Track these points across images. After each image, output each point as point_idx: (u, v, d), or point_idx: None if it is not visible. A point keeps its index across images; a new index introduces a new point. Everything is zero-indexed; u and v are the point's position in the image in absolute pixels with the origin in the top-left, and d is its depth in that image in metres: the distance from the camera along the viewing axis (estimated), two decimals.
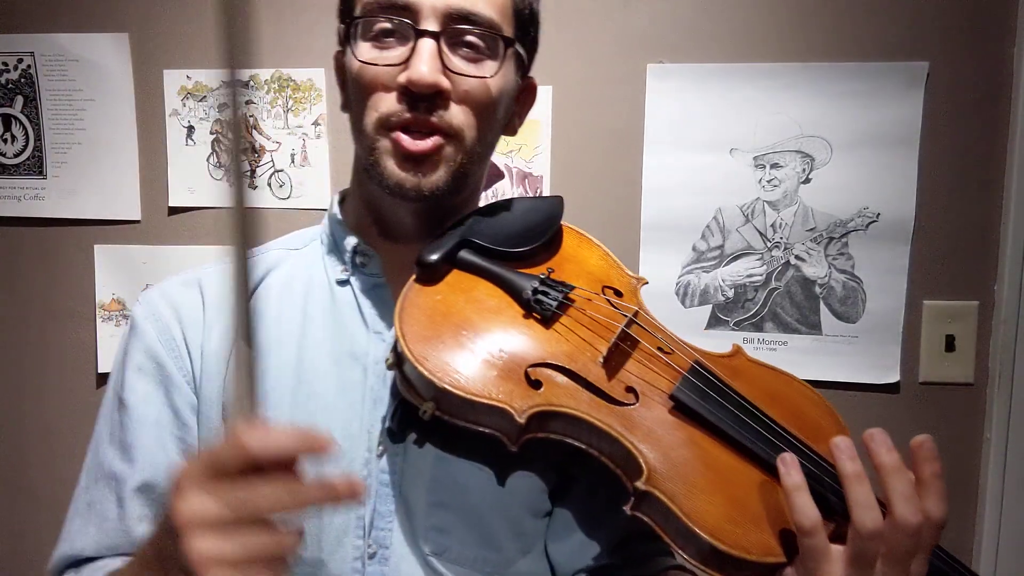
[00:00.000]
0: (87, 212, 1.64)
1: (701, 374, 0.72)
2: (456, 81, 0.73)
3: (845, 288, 1.49)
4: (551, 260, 0.81)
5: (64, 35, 1.60)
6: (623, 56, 1.50)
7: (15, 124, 1.64)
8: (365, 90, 0.74)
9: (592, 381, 0.71)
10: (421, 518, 0.74)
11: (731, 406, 0.69)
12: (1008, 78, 1.42)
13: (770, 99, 1.47)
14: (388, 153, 0.74)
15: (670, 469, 0.66)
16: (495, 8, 0.74)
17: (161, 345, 0.79)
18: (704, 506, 0.63)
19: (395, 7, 0.72)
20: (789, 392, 0.75)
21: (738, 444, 0.68)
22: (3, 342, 1.69)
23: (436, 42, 0.71)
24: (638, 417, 0.69)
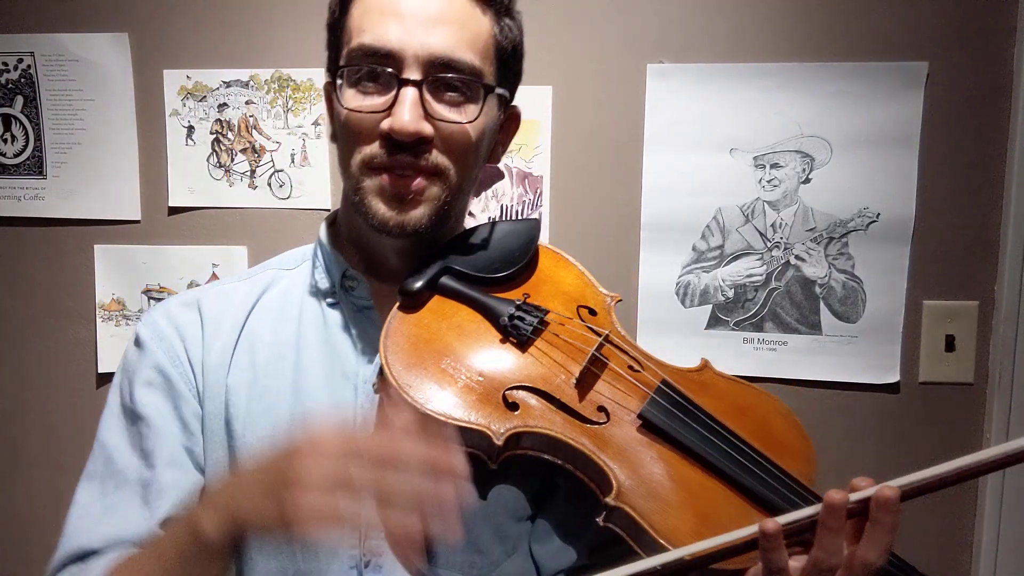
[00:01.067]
0: (87, 212, 1.64)
1: (668, 394, 0.75)
2: (438, 127, 0.76)
3: (845, 288, 1.49)
4: (528, 283, 0.84)
5: (64, 35, 1.60)
6: (623, 56, 1.50)
7: (15, 124, 1.64)
8: (351, 134, 0.77)
9: (566, 402, 0.74)
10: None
11: (697, 425, 0.73)
12: (1008, 78, 1.42)
13: (770, 99, 1.47)
14: (373, 192, 0.77)
15: (639, 485, 0.69)
16: (476, 53, 0.77)
17: (168, 360, 0.82)
18: (673, 522, 0.67)
19: (378, 55, 0.75)
20: (756, 405, 0.78)
21: (704, 460, 0.71)
22: (3, 342, 1.69)
23: (418, 90, 0.74)
24: (609, 435, 0.72)
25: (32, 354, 1.68)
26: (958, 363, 1.48)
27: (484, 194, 1.55)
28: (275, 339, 0.83)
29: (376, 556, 0.77)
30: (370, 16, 0.76)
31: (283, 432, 0.78)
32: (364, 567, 0.76)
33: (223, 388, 0.81)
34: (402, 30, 0.74)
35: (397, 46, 0.74)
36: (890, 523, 0.62)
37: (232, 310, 0.85)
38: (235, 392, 0.81)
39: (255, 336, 0.84)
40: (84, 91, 1.61)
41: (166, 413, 0.81)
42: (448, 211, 0.80)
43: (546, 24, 1.51)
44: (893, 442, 1.50)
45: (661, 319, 1.53)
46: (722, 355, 1.52)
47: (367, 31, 0.75)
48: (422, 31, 0.74)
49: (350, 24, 0.78)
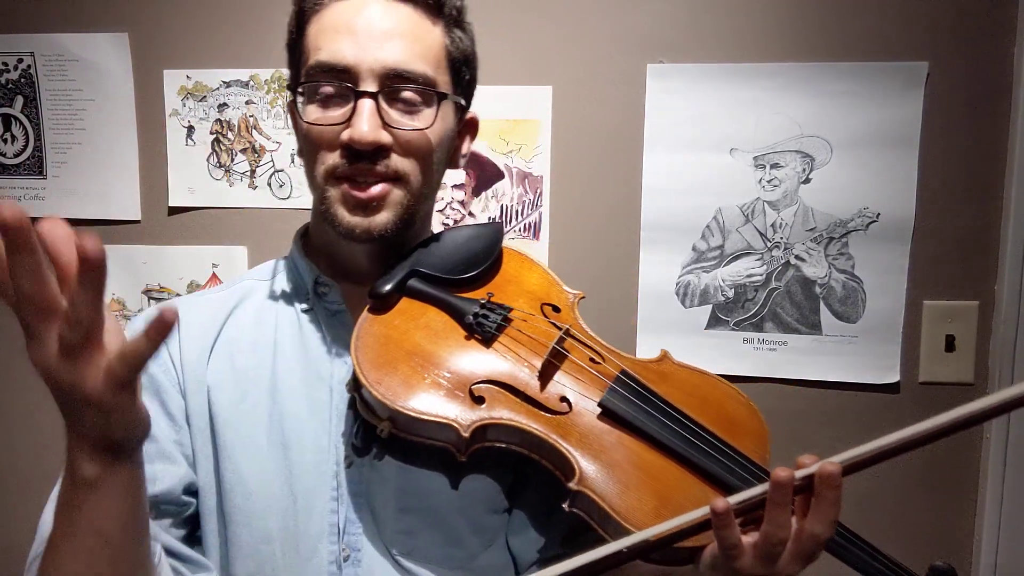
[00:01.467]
0: (87, 212, 1.64)
1: (626, 383, 0.79)
2: (396, 134, 0.80)
3: (845, 288, 1.49)
4: (492, 283, 0.89)
5: (64, 35, 1.60)
6: (623, 56, 1.50)
7: (15, 124, 1.64)
8: (313, 147, 0.81)
9: (529, 394, 0.78)
10: (389, 523, 0.81)
11: (654, 411, 0.77)
12: (1008, 78, 1.43)
13: (770, 99, 1.47)
14: (338, 201, 0.81)
15: (601, 471, 0.73)
16: (429, 63, 0.81)
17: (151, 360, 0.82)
18: (634, 504, 0.71)
19: (335, 71, 0.79)
20: (713, 392, 0.82)
21: (662, 445, 0.75)
22: (3, 342, 1.69)
23: (374, 101, 0.78)
24: (571, 424, 0.76)
25: None
26: (958, 363, 1.48)
27: (484, 194, 1.55)
28: (253, 344, 0.87)
29: (355, 551, 0.80)
30: (325, 34, 0.80)
31: (264, 433, 0.82)
32: (344, 561, 0.79)
33: (204, 387, 0.84)
34: (356, 46, 0.78)
35: (352, 61, 0.78)
36: (833, 497, 0.65)
37: (208, 317, 0.89)
38: (217, 391, 0.84)
39: (233, 342, 0.87)
40: (84, 91, 1.61)
41: (154, 411, 0.81)
42: (412, 215, 0.84)
43: (546, 24, 1.51)
44: None
45: (661, 319, 1.53)
46: (722, 355, 1.52)
47: (323, 48, 0.79)
48: (375, 45, 0.78)
49: (307, 43, 0.82)
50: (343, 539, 0.80)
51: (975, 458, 1.50)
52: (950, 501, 1.51)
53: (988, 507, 1.47)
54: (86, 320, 0.54)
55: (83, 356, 0.56)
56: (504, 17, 1.51)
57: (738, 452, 0.75)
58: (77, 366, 0.56)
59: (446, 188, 1.55)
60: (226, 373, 0.85)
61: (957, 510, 1.51)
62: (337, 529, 0.80)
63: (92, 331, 0.55)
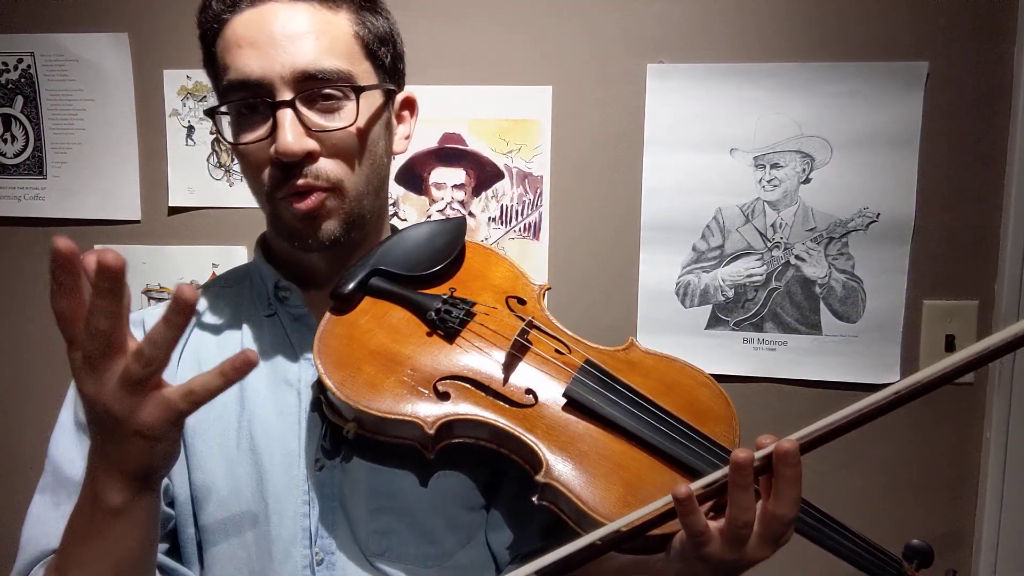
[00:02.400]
0: (87, 212, 1.64)
1: (591, 372, 0.78)
2: (321, 138, 0.77)
3: (845, 288, 1.49)
4: (456, 278, 0.88)
5: (64, 35, 1.60)
6: (623, 56, 1.50)
7: (15, 124, 1.64)
8: (247, 168, 0.81)
9: (494, 388, 0.78)
10: (363, 524, 0.80)
11: (619, 399, 0.76)
12: (1008, 78, 1.42)
13: (770, 99, 1.46)
14: (285, 218, 0.80)
15: (567, 461, 0.73)
16: (340, 56, 0.78)
17: None
18: (601, 493, 0.71)
19: (247, 87, 0.76)
20: (682, 379, 0.82)
21: (629, 433, 0.74)
22: (3, 342, 1.69)
23: (293, 109, 0.76)
24: (537, 416, 0.76)
25: (32, 354, 1.68)
26: None
27: (484, 194, 1.55)
28: (219, 352, 0.86)
29: (328, 555, 0.79)
30: (230, 52, 0.78)
31: (233, 439, 0.81)
32: (317, 564, 0.79)
33: None
34: (262, 56, 0.76)
35: (261, 73, 0.75)
36: (792, 475, 0.64)
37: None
38: None
39: (200, 350, 0.87)
40: (84, 91, 1.61)
41: None
42: (360, 216, 0.83)
43: (546, 24, 1.51)
44: (893, 442, 1.50)
45: (661, 319, 1.53)
46: (722, 355, 1.52)
47: (230, 67, 0.77)
48: (281, 52, 0.76)
49: (217, 63, 0.80)
50: (316, 543, 0.79)
51: (975, 458, 1.50)
52: (950, 501, 1.51)
53: (988, 507, 1.47)
54: (157, 360, 0.56)
55: (144, 390, 0.57)
56: (504, 17, 1.51)
57: (706, 437, 0.74)
58: (136, 398, 0.57)
59: (446, 188, 1.55)
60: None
61: (957, 510, 1.51)
62: (309, 533, 0.79)
63: (159, 369, 0.57)
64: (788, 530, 0.66)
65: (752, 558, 0.66)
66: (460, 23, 1.52)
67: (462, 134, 1.54)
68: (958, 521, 1.51)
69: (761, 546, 0.65)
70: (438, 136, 1.54)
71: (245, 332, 0.88)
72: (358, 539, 0.80)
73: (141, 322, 0.88)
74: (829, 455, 1.53)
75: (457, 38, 1.52)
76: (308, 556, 0.79)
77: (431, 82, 1.52)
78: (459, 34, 1.52)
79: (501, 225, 1.55)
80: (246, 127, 0.79)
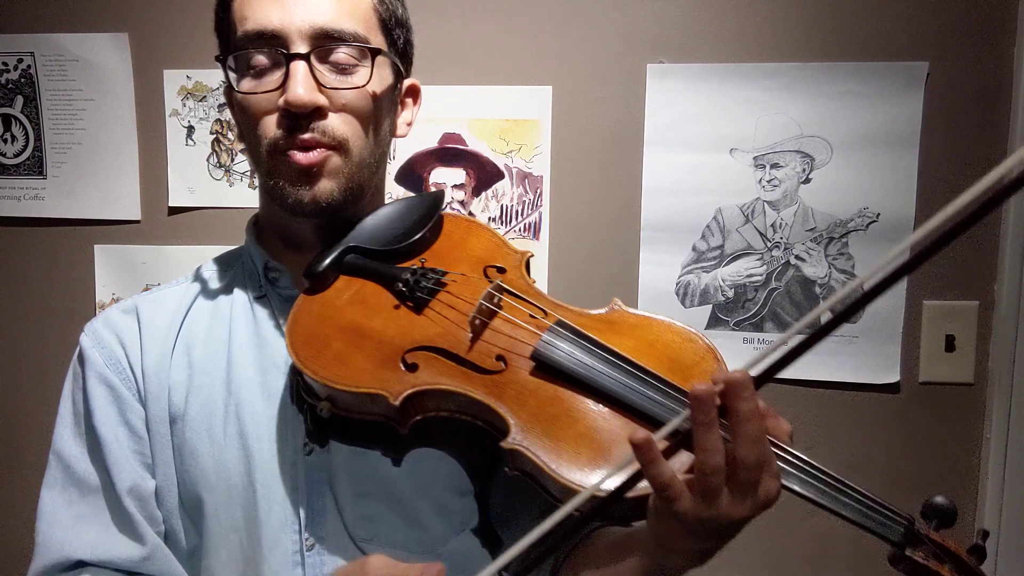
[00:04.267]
0: (87, 212, 1.64)
1: (559, 332, 0.74)
2: (332, 95, 0.78)
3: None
4: (431, 250, 0.86)
5: (64, 35, 1.60)
6: (623, 56, 1.50)
7: (15, 124, 1.64)
8: (252, 119, 0.80)
9: (462, 355, 0.75)
10: (350, 509, 0.79)
11: (589, 357, 0.72)
12: (1008, 78, 1.43)
13: (770, 99, 1.47)
14: (283, 175, 0.79)
15: (536, 426, 0.69)
16: (358, 21, 0.80)
17: (109, 369, 0.84)
18: (569, 456, 0.67)
19: (263, 37, 0.77)
20: (665, 336, 0.78)
21: (599, 392, 0.70)
22: (3, 342, 1.69)
23: (307, 63, 0.76)
24: (506, 382, 0.72)
25: (32, 354, 1.68)
26: (958, 363, 1.48)
27: (484, 194, 1.55)
28: (209, 337, 0.86)
29: (319, 540, 0.79)
30: (251, 4, 0.78)
31: (220, 425, 0.81)
32: (308, 550, 0.78)
33: (165, 390, 0.83)
34: (282, 9, 0.77)
35: (279, 25, 0.76)
36: (747, 410, 0.58)
37: (169, 313, 0.88)
38: (175, 392, 0.83)
39: (191, 336, 0.87)
40: (84, 91, 1.61)
41: (112, 421, 0.83)
42: (359, 187, 0.82)
43: (546, 24, 1.51)
44: (893, 442, 1.50)
45: None
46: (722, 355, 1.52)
47: (249, 18, 0.78)
48: (302, 7, 0.77)
49: (233, 18, 0.80)
50: (305, 528, 0.79)
51: (975, 458, 1.50)
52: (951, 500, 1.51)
53: (988, 507, 1.47)
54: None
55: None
56: (504, 17, 1.51)
57: (680, 390, 0.68)
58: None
59: (446, 188, 1.55)
60: (183, 370, 0.84)
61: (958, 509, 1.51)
62: (299, 519, 0.79)
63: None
64: (759, 478, 0.58)
65: (730, 515, 0.59)
66: (460, 23, 1.52)
67: (462, 134, 1.54)
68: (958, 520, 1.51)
69: (735, 501, 0.58)
70: (438, 136, 1.54)
71: (234, 315, 0.87)
72: (346, 525, 0.79)
73: (134, 308, 0.88)
74: (829, 455, 1.53)
75: (457, 38, 1.52)
76: (298, 542, 0.79)
77: (431, 82, 1.52)
78: (459, 34, 1.52)
79: (501, 225, 1.55)
80: (255, 76, 0.79)
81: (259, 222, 0.93)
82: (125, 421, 0.83)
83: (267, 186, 0.82)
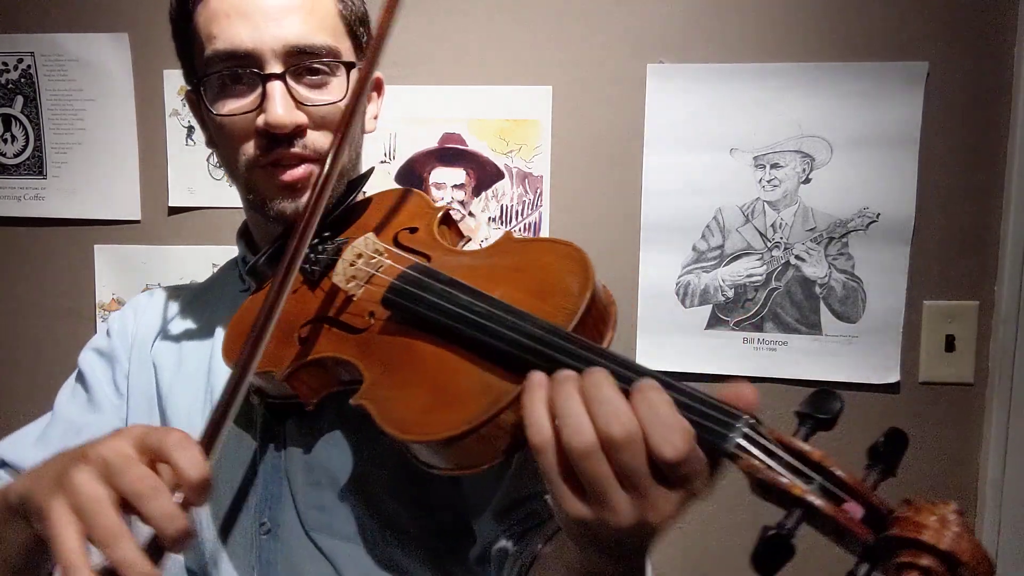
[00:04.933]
0: (87, 212, 1.64)
1: (408, 275, 0.69)
2: (310, 112, 0.78)
3: (845, 288, 1.49)
4: (355, 226, 0.85)
5: (64, 35, 1.60)
6: (623, 56, 1.50)
7: (15, 124, 1.64)
8: (229, 140, 0.80)
9: (340, 319, 0.73)
10: (302, 497, 0.80)
11: (432, 295, 0.66)
12: (1008, 78, 1.42)
13: (770, 99, 1.46)
14: (266, 189, 0.80)
15: (384, 379, 0.66)
16: (328, 33, 0.79)
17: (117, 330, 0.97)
18: (403, 404, 0.62)
19: (236, 58, 0.76)
20: (540, 257, 0.69)
21: (441, 333, 0.64)
22: (3, 342, 1.69)
23: (283, 82, 0.76)
24: (371, 338, 0.70)
25: (32, 354, 1.68)
26: (958, 363, 1.48)
27: (484, 194, 1.55)
28: (200, 327, 0.92)
29: (275, 524, 0.81)
30: (217, 21, 0.77)
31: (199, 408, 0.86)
32: (264, 534, 0.81)
33: (149, 364, 0.91)
34: (252, 28, 0.75)
35: (252, 45, 0.75)
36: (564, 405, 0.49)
37: (167, 304, 0.97)
38: (161, 372, 0.90)
39: (183, 324, 0.93)
40: (84, 91, 1.61)
41: (105, 377, 0.93)
42: (337, 189, 0.83)
43: (546, 24, 1.51)
44: None
45: (661, 319, 1.53)
46: (722, 355, 1.52)
47: (218, 37, 0.76)
48: (272, 25, 0.76)
49: (198, 32, 0.79)
50: (264, 513, 0.81)
51: (975, 458, 1.50)
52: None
53: (988, 507, 1.47)
54: None
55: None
56: (504, 17, 1.51)
57: (523, 316, 0.59)
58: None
59: (446, 188, 1.55)
60: (172, 354, 0.90)
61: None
62: (257, 503, 0.82)
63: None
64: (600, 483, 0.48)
65: (625, 522, 0.49)
66: (460, 23, 1.52)
67: (462, 134, 1.54)
68: None
69: (614, 493, 0.48)
70: (438, 136, 1.54)
71: (221, 308, 0.91)
72: (300, 513, 0.80)
73: (163, 293, 0.97)
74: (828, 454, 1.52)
75: (458, 38, 1.52)
76: (254, 526, 0.81)
77: (431, 82, 1.52)
78: (460, 34, 1.52)
79: (501, 225, 1.55)
80: (229, 97, 0.78)
81: (248, 229, 0.97)
82: (114, 380, 0.92)
83: (248, 199, 0.84)
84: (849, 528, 0.48)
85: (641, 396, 0.49)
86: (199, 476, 0.51)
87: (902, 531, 0.46)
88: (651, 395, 0.49)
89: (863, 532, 0.48)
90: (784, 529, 0.47)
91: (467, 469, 0.59)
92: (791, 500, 0.49)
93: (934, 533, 0.44)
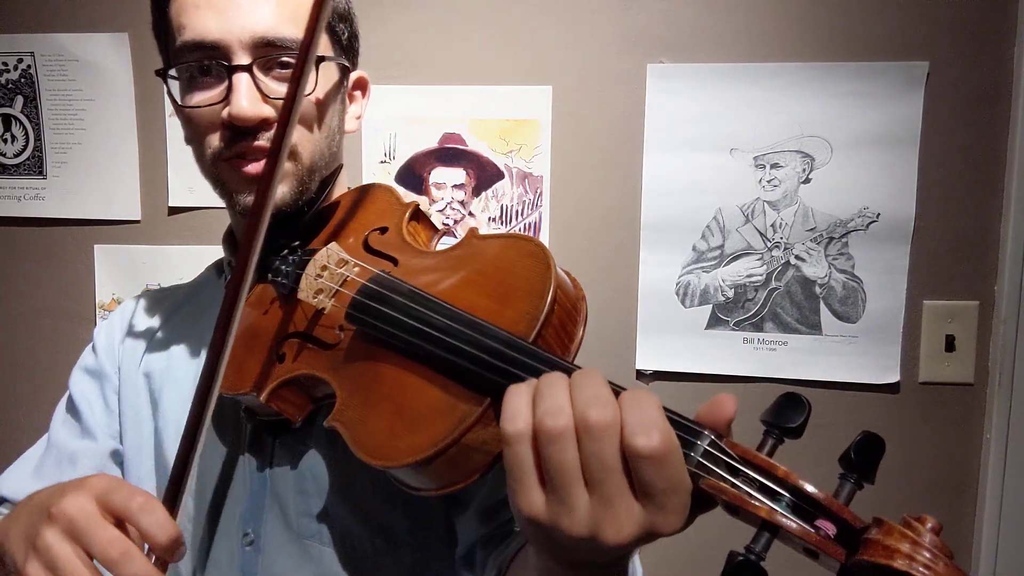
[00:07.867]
0: (87, 212, 1.64)
1: (369, 288, 0.66)
2: (277, 105, 0.75)
3: (845, 288, 1.49)
4: (326, 230, 0.82)
5: (64, 35, 1.60)
6: (623, 56, 1.50)
7: (15, 124, 1.64)
8: (197, 132, 0.79)
9: (313, 334, 0.71)
10: (291, 506, 0.80)
11: (391, 310, 0.62)
12: (1008, 78, 1.43)
13: (770, 99, 1.47)
14: (232, 182, 0.78)
15: (353, 399, 0.63)
16: (300, 25, 0.74)
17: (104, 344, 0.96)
18: (370, 427, 0.60)
19: (204, 49, 0.74)
20: (504, 256, 0.65)
21: (401, 349, 0.61)
22: (3, 342, 1.69)
23: (249, 74, 0.74)
24: (342, 355, 0.67)
25: (32, 354, 1.68)
26: (958, 363, 1.48)
27: (484, 194, 1.55)
28: (191, 331, 0.91)
29: (258, 535, 0.81)
30: (187, 12, 0.75)
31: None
32: (248, 545, 0.80)
33: (140, 374, 0.90)
34: (221, 19, 0.74)
35: (219, 36, 0.74)
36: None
37: (157, 309, 0.96)
38: (153, 382, 0.89)
39: (174, 333, 0.92)
40: (84, 91, 1.61)
41: (93, 395, 0.92)
42: (309, 187, 0.81)
43: (546, 24, 1.51)
44: (893, 442, 1.50)
45: (661, 319, 1.53)
46: (722, 355, 1.52)
47: (187, 27, 0.75)
48: (241, 15, 0.74)
49: (171, 24, 0.78)
50: (249, 524, 0.81)
51: (975, 458, 1.50)
52: (950, 501, 1.51)
53: (988, 507, 1.47)
54: None
55: None
56: (504, 17, 1.51)
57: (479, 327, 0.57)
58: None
59: (446, 188, 1.55)
60: (161, 363, 0.90)
61: (957, 510, 1.51)
62: (242, 514, 0.81)
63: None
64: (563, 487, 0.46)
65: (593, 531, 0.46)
66: (461, 23, 1.52)
67: (462, 134, 1.54)
68: (958, 521, 1.51)
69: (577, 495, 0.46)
70: (438, 136, 1.54)
71: (210, 312, 0.88)
72: (288, 521, 0.80)
73: (152, 298, 0.96)
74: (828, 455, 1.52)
75: (458, 38, 1.52)
76: (239, 537, 0.81)
77: (431, 82, 1.52)
78: (460, 34, 1.52)
79: (501, 225, 1.55)
80: (197, 89, 0.77)
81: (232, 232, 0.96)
82: (103, 395, 0.91)
83: (216, 192, 0.82)
84: (820, 548, 0.45)
85: (632, 394, 0.47)
86: (167, 539, 0.52)
87: (872, 556, 0.43)
88: (642, 395, 0.47)
89: (835, 551, 0.45)
90: (753, 553, 0.45)
91: (450, 487, 0.57)
92: (758, 522, 0.46)
93: (905, 559, 0.42)
